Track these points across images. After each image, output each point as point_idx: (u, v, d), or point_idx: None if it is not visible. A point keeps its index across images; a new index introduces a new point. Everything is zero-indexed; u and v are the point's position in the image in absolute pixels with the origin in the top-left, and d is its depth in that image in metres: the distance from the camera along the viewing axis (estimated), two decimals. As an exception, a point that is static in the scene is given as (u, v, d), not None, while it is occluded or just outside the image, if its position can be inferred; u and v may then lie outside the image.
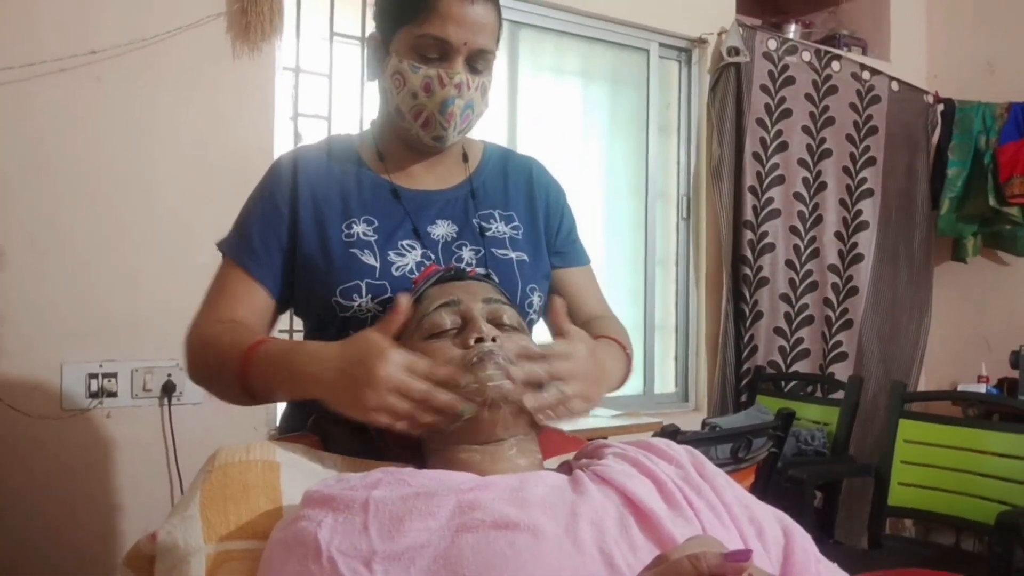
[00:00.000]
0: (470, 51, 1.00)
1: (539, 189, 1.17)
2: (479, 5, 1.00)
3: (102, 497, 1.94)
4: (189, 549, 0.76)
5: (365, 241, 1.03)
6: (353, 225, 1.04)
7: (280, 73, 2.18)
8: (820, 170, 3.19)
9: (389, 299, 1.00)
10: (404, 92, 1.02)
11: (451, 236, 1.07)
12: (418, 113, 1.02)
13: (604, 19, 2.83)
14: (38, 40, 1.87)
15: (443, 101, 1.01)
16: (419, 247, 1.04)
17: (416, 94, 1.01)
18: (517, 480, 0.74)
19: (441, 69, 1.00)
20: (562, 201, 1.19)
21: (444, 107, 1.01)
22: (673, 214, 3.10)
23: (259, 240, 1.04)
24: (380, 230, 1.04)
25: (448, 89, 1.00)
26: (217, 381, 0.99)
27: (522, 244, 1.10)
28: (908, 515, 2.63)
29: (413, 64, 1.01)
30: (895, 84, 3.37)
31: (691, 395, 3.07)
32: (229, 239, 1.07)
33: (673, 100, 3.10)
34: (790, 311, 3.12)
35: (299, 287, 1.05)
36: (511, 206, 1.12)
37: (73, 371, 1.91)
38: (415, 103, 1.02)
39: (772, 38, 3.07)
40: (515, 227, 1.11)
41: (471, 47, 1.00)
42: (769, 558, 0.71)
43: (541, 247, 1.13)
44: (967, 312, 3.55)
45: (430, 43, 1.00)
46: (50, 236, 1.89)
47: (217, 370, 0.97)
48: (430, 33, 0.99)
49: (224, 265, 1.06)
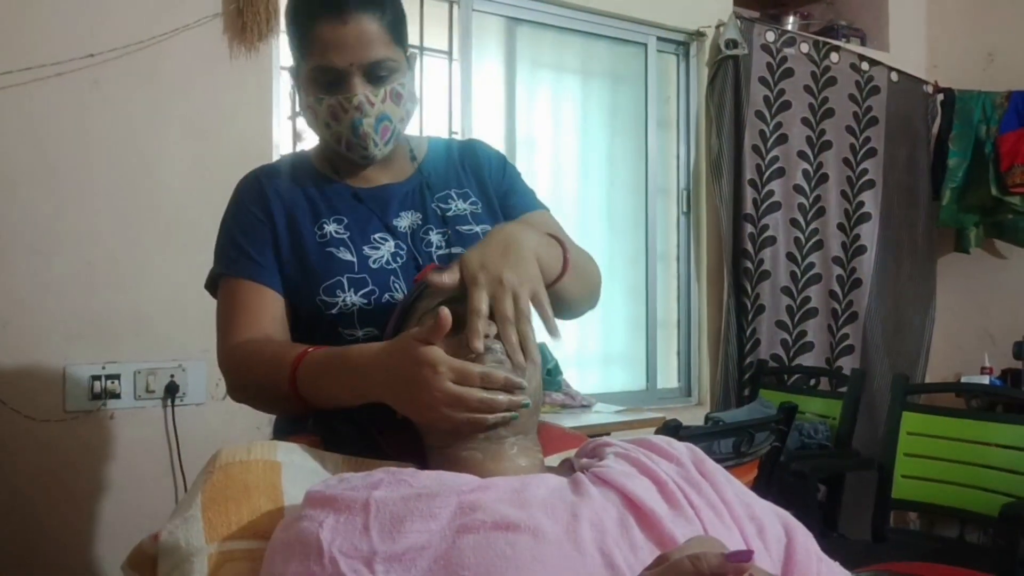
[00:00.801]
0: (362, 67, 1.01)
1: (483, 160, 1.18)
2: (352, 23, 0.99)
3: (106, 498, 1.95)
4: (191, 549, 0.76)
5: (339, 239, 1.05)
6: (324, 225, 1.06)
7: (277, 73, 2.18)
8: (821, 162, 3.18)
9: (371, 291, 1.02)
10: (319, 123, 1.05)
11: (416, 224, 1.09)
12: (337, 138, 1.05)
13: (601, 14, 2.82)
14: (36, 44, 1.87)
15: (351, 125, 1.03)
16: (391, 238, 1.06)
17: (328, 123, 1.04)
18: (518, 481, 0.74)
19: (340, 96, 1.02)
20: (502, 162, 1.20)
21: (355, 130, 1.03)
22: (673, 209, 3.09)
23: (250, 246, 1.05)
24: (351, 227, 1.06)
25: (351, 113, 1.02)
26: (263, 397, 1.01)
27: (483, 217, 1.12)
28: (912, 508, 2.63)
29: (317, 96, 1.03)
30: (894, 74, 3.36)
31: (694, 390, 3.07)
32: (222, 261, 1.08)
33: (672, 94, 3.09)
34: (792, 304, 3.11)
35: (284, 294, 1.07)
36: (464, 184, 1.15)
37: (76, 373, 1.91)
38: (330, 131, 1.05)
39: (770, 30, 3.06)
40: (473, 203, 1.13)
41: (361, 63, 1.00)
42: (770, 556, 0.71)
43: (499, 218, 1.15)
44: (970, 303, 3.54)
45: (321, 73, 1.02)
46: (51, 238, 1.89)
47: (263, 387, 0.97)
48: (318, 65, 1.01)
49: (228, 285, 1.06)
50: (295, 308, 1.06)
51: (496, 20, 2.68)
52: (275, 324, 1.03)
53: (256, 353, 0.98)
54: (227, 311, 1.05)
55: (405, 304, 0.94)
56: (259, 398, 1.02)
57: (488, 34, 2.66)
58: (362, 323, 1.02)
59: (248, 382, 1.00)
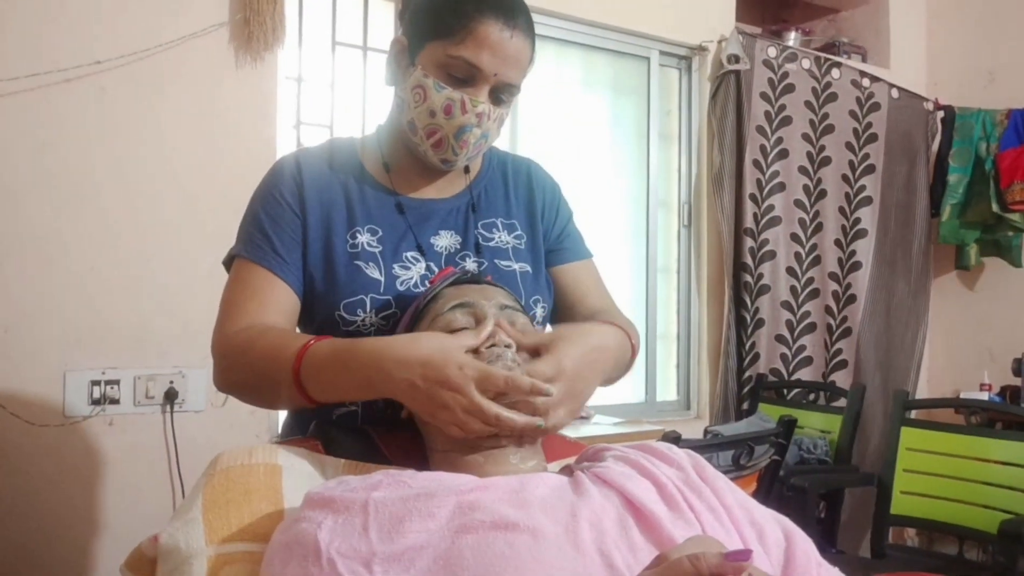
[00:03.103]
0: (499, 82, 0.98)
1: (537, 191, 1.15)
2: (517, 39, 0.97)
3: (105, 504, 1.94)
4: (191, 551, 0.76)
5: (370, 252, 1.01)
6: (357, 235, 1.02)
7: (283, 82, 2.19)
8: (820, 177, 3.19)
9: (393, 314, 0.99)
10: (423, 108, 0.99)
11: (454, 248, 1.05)
12: (432, 132, 1.00)
13: (604, 27, 2.84)
14: (43, 51, 1.88)
15: (461, 127, 0.98)
16: (423, 260, 1.02)
17: (435, 113, 0.99)
18: (517, 481, 0.74)
19: (465, 94, 0.98)
20: (558, 197, 1.18)
21: (460, 133, 0.99)
22: (674, 222, 3.10)
23: (277, 239, 1.00)
24: (384, 240, 1.02)
25: (469, 116, 0.98)
26: (256, 386, 0.96)
27: (525, 254, 1.09)
28: (911, 524, 2.62)
29: (438, 83, 0.98)
30: (895, 91, 3.38)
31: (693, 403, 3.07)
32: (244, 242, 1.02)
33: (674, 108, 3.11)
34: (792, 319, 3.12)
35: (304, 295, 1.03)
36: (512, 214, 1.11)
37: (75, 378, 1.91)
38: (431, 122, 0.99)
39: (772, 46, 3.08)
40: (518, 236, 1.10)
41: (501, 79, 0.98)
42: (770, 560, 0.71)
43: (541, 259, 1.12)
44: (970, 320, 3.54)
45: (460, 65, 0.97)
46: (53, 244, 1.90)
47: (260, 375, 0.93)
48: (463, 56, 0.96)
49: (241, 268, 1.01)
50: (310, 312, 1.02)
51: (500, 33, 2.69)
52: (282, 319, 0.99)
53: (257, 339, 0.94)
54: (236, 294, 1.00)
55: (419, 306, 0.94)
56: (250, 387, 0.96)
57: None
58: None
59: (243, 368, 0.95)
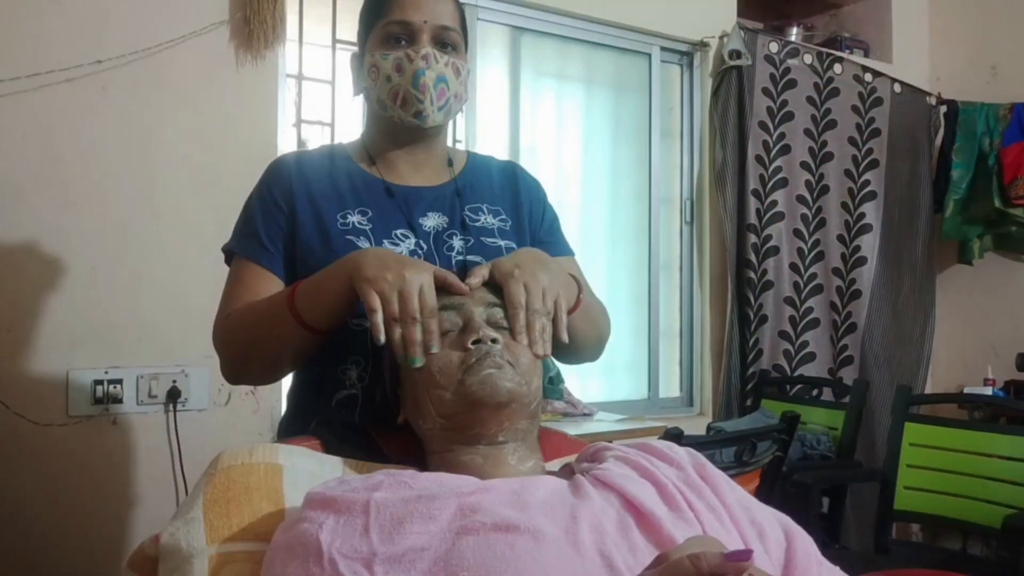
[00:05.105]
0: (433, 29, 1.08)
1: (523, 187, 1.20)
2: None
3: (108, 503, 1.95)
4: (192, 551, 0.76)
5: (361, 229, 1.07)
6: (348, 215, 1.08)
7: (283, 80, 2.19)
8: (823, 173, 3.19)
9: None
10: (380, 80, 1.09)
11: (442, 227, 1.11)
12: (395, 94, 1.08)
13: (606, 24, 2.83)
14: (44, 50, 1.88)
15: (413, 75, 1.06)
16: (412, 236, 1.08)
17: (390, 77, 1.08)
18: (518, 483, 0.74)
19: (409, 49, 1.07)
20: (543, 196, 1.24)
21: (416, 81, 1.06)
22: (677, 218, 3.10)
23: (264, 234, 1.08)
24: (375, 220, 1.08)
25: (416, 62, 1.06)
26: (258, 342, 1.01)
27: (510, 234, 1.14)
28: (914, 519, 2.62)
29: (383, 53, 1.08)
30: (897, 86, 3.37)
31: (696, 400, 3.07)
32: (236, 239, 1.12)
33: (675, 104, 3.10)
34: (795, 314, 3.11)
35: (300, 277, 1.07)
36: (497, 202, 1.16)
37: (79, 377, 1.92)
38: (390, 85, 1.08)
39: (774, 41, 3.07)
40: (503, 219, 1.15)
41: (432, 24, 1.07)
42: (770, 560, 0.71)
43: (527, 240, 1.16)
44: (973, 315, 3.54)
45: (395, 29, 1.08)
46: (55, 243, 1.90)
47: (258, 327, 1.00)
48: (392, 19, 1.08)
49: (235, 264, 1.11)
50: None
51: (500, 29, 2.69)
52: None
53: (249, 306, 1.03)
54: (229, 288, 1.09)
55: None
56: (253, 348, 1.02)
57: (492, 43, 2.68)
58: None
59: (243, 332, 1.02)
